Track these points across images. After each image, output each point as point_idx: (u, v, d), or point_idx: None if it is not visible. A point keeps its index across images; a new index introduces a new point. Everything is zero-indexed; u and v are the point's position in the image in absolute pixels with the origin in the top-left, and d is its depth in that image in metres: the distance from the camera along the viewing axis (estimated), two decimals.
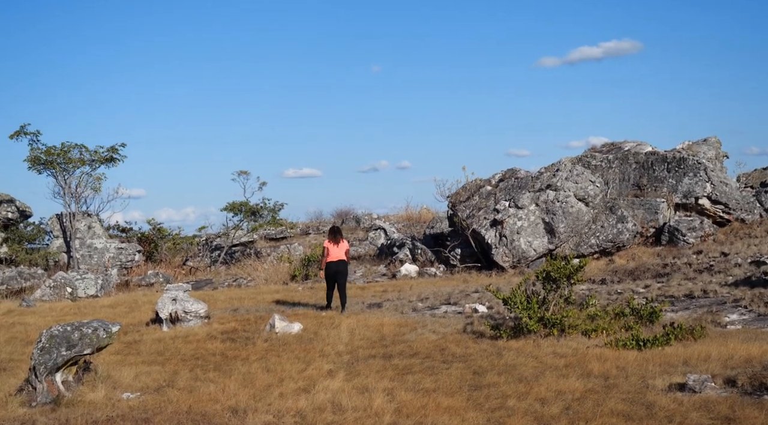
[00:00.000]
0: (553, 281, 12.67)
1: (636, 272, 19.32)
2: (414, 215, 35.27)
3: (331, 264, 16.15)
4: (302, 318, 14.60)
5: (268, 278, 24.85)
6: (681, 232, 22.39)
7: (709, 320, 12.89)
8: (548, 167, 24.02)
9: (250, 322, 14.63)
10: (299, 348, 12.21)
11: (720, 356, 9.93)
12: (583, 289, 17.10)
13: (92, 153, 27.72)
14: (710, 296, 15.37)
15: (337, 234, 16.39)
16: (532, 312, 12.15)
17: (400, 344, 12.24)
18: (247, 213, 29.26)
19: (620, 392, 8.64)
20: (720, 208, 23.56)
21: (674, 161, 24.13)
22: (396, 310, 15.94)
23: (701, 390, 8.41)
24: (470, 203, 24.12)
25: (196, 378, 10.39)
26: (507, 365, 10.36)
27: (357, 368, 10.66)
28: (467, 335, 12.71)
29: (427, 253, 24.88)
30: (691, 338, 11.31)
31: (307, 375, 10.33)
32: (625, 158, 25.01)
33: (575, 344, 11.44)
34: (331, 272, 16.17)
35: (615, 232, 22.28)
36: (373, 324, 13.89)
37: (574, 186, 22.78)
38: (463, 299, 17.03)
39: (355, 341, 12.62)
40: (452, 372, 10.12)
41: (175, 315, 14.49)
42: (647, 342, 10.88)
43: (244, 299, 19.54)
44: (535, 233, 22.21)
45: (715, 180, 23.66)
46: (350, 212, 36.99)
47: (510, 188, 23.83)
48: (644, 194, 23.92)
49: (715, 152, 26.13)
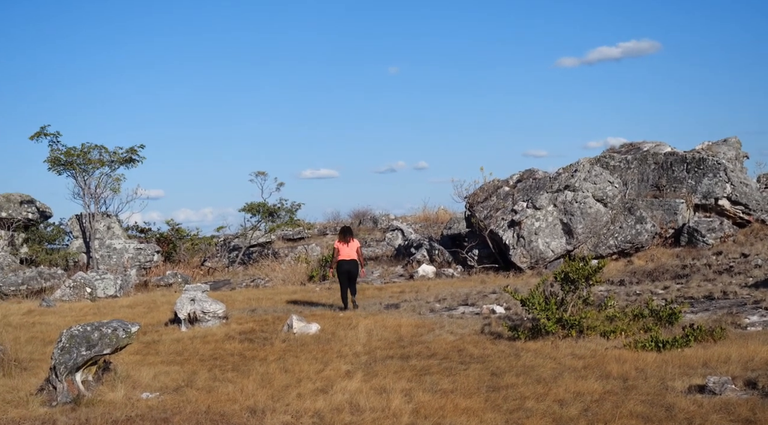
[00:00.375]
0: (572, 282, 12.62)
1: (655, 273, 19.21)
2: (431, 215, 35.23)
3: (342, 263, 16.55)
4: (320, 319, 14.64)
5: (286, 279, 24.92)
6: (700, 233, 22.24)
7: (729, 321, 12.78)
8: (566, 168, 23.92)
9: (268, 322, 14.68)
10: (317, 349, 12.24)
11: (740, 358, 9.86)
12: (601, 290, 17.03)
13: (111, 154, 27.89)
14: (730, 297, 15.26)
15: (347, 234, 16.77)
16: (550, 313, 12.10)
17: (418, 345, 12.24)
18: (264, 214, 29.33)
19: (639, 393, 8.60)
20: (740, 209, 23.37)
21: (693, 161, 23.96)
22: (413, 311, 15.94)
23: (721, 392, 8.35)
24: (488, 204, 24.07)
25: (215, 378, 10.44)
26: (525, 366, 10.33)
27: (375, 369, 10.67)
28: (485, 336, 12.69)
29: (445, 254, 24.85)
30: (711, 339, 11.23)
31: (325, 375, 10.35)
32: (644, 159, 24.87)
33: (594, 345, 11.40)
34: (342, 271, 16.54)
35: (634, 233, 22.16)
36: (390, 324, 13.89)
37: (593, 187, 22.67)
38: (481, 300, 16.99)
39: (372, 342, 12.64)
40: (470, 373, 10.10)
41: (193, 315, 14.57)
42: (666, 344, 10.82)
43: (262, 299, 19.60)
44: (553, 233, 22.13)
45: (735, 181, 23.48)
46: (367, 212, 37.01)
47: (528, 189, 23.76)
48: (663, 194, 23.77)
49: (735, 153, 25.91)
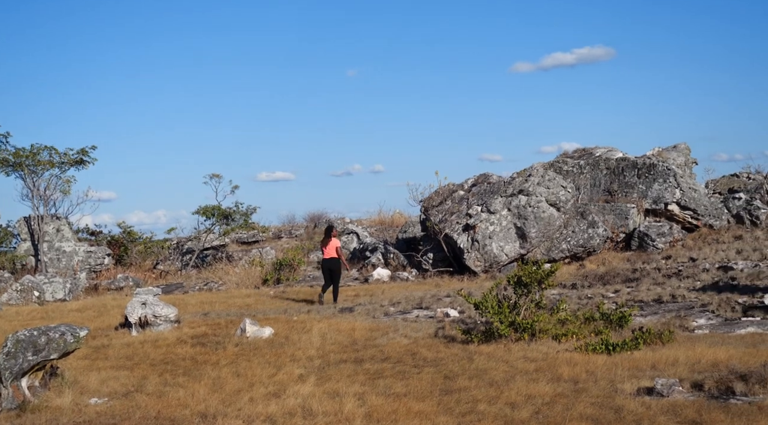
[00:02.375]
0: (525, 285, 12.73)
1: (606, 276, 19.47)
2: (387, 219, 35.27)
3: (323, 261, 18.22)
4: (273, 323, 14.54)
5: (240, 283, 24.73)
6: (651, 237, 22.61)
7: (677, 324, 13.02)
8: (520, 173, 24.15)
9: (221, 326, 14.54)
10: (270, 353, 12.15)
11: (687, 360, 10.04)
12: (554, 294, 17.20)
13: (62, 155, 27.43)
14: (678, 301, 15.54)
15: (326, 234, 18.25)
16: (503, 317, 12.19)
17: (372, 348, 12.23)
18: (219, 217, 29.12)
19: (589, 396, 8.70)
20: (689, 214, 23.83)
21: (644, 167, 24.37)
22: (368, 314, 15.92)
23: (669, 394, 8.49)
24: (443, 208, 24.18)
25: (165, 383, 10.30)
26: (478, 369, 10.39)
27: (328, 372, 10.63)
28: (439, 339, 12.73)
29: (400, 257, 24.90)
30: (660, 342, 11.42)
31: (278, 379, 10.28)
32: (596, 164, 25.22)
33: (546, 348, 11.51)
34: (324, 268, 18.22)
35: (586, 237, 22.45)
36: (344, 328, 13.87)
37: (546, 191, 22.92)
38: (435, 303, 17.05)
39: (326, 345, 12.59)
40: (423, 376, 10.12)
41: (144, 319, 14.36)
42: (616, 347, 10.97)
43: (215, 303, 19.41)
44: (507, 237, 22.31)
45: (684, 186, 23.93)
46: (323, 215, 36.90)
47: (482, 193, 23.93)
48: (615, 199, 24.13)
49: (685, 159, 26.44)
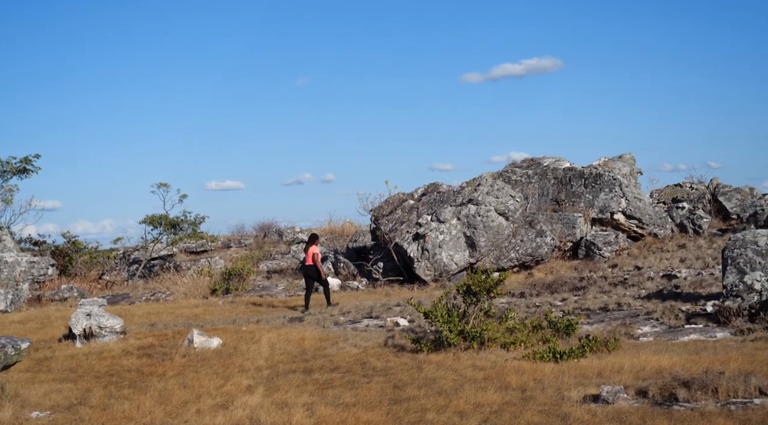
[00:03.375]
0: (474, 294, 12.81)
1: (554, 285, 19.70)
2: (337, 228, 35.19)
3: (303, 268, 18.85)
4: (222, 333, 14.38)
5: (188, 293, 24.41)
6: (597, 246, 22.96)
7: (622, 332, 13.23)
8: (470, 182, 24.33)
9: (168, 337, 14.33)
10: (218, 364, 12.01)
11: (632, 367, 10.19)
12: (502, 302, 17.34)
13: (4, 164, 26.85)
14: (624, 309, 15.79)
15: (308, 242, 18.90)
16: (452, 326, 12.24)
17: (321, 358, 12.18)
18: (166, 226, 28.75)
19: (537, 404, 8.77)
20: (634, 223, 24.26)
21: (591, 176, 24.76)
22: (317, 324, 15.85)
23: (614, 401, 8.60)
24: (393, 217, 24.23)
25: (110, 396, 10.11)
26: (427, 378, 10.41)
27: (277, 383, 10.55)
28: (388, 348, 12.73)
29: (350, 266, 24.86)
30: (606, 350, 11.58)
31: (226, 390, 10.17)
32: (544, 174, 25.54)
33: (494, 357, 11.58)
34: (304, 275, 18.90)
35: (534, 246, 22.70)
36: (294, 338, 13.78)
37: (495, 201, 23.12)
38: (385, 312, 17.04)
39: (275, 355, 12.50)
40: (372, 385, 10.11)
41: (89, 331, 14.08)
42: (563, 355, 11.10)
43: (163, 313, 19.13)
44: (457, 246, 22.44)
45: (630, 196, 24.37)
46: (273, 225, 36.70)
47: (432, 202, 24.04)
48: (562, 208, 24.46)
49: (630, 169, 26.90)
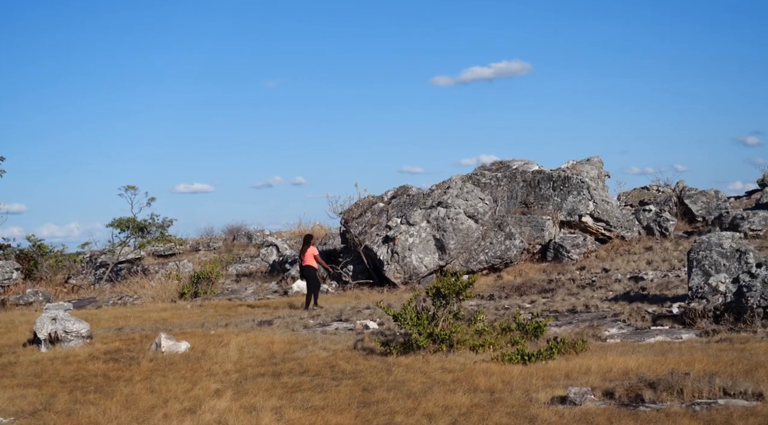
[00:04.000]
0: (443, 297, 12.83)
1: (523, 287, 19.81)
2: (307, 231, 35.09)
3: (301, 269, 19.25)
4: (190, 337, 14.28)
5: (156, 296, 24.20)
6: (565, 248, 23.13)
7: (590, 334, 13.34)
8: (439, 185, 24.39)
9: (135, 341, 14.20)
10: (186, 368, 11.92)
11: (599, 369, 10.28)
12: (472, 305, 17.39)
13: None
14: (592, 310, 15.92)
15: (303, 243, 19.25)
16: (421, 328, 12.26)
17: (290, 361, 12.13)
18: (134, 229, 28.51)
19: (505, 406, 8.81)
20: (602, 225, 24.47)
21: (559, 179, 24.93)
22: (287, 327, 15.80)
23: (581, 403, 8.67)
24: (363, 220, 24.22)
25: (76, 401, 9.99)
26: (396, 381, 10.41)
27: (245, 387, 10.49)
28: (358, 351, 12.71)
29: (319, 270, 24.78)
30: (573, 352, 11.66)
31: (194, 395, 10.09)
32: (513, 177, 25.68)
33: (463, 359, 11.61)
34: (302, 276, 19.43)
35: (503, 248, 22.80)
36: (262, 341, 13.71)
37: (464, 203, 23.20)
38: (355, 315, 17.04)
39: (244, 359, 12.43)
40: (341, 389, 10.09)
41: (54, 335, 13.91)
42: (532, 356, 11.15)
43: (130, 317, 18.95)
44: (427, 249, 22.48)
45: (598, 199, 24.58)
46: (242, 228, 36.55)
47: (402, 205, 24.07)
48: (531, 211, 24.61)
49: (598, 172, 27.16)
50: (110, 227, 28.77)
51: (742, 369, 9.78)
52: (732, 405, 8.22)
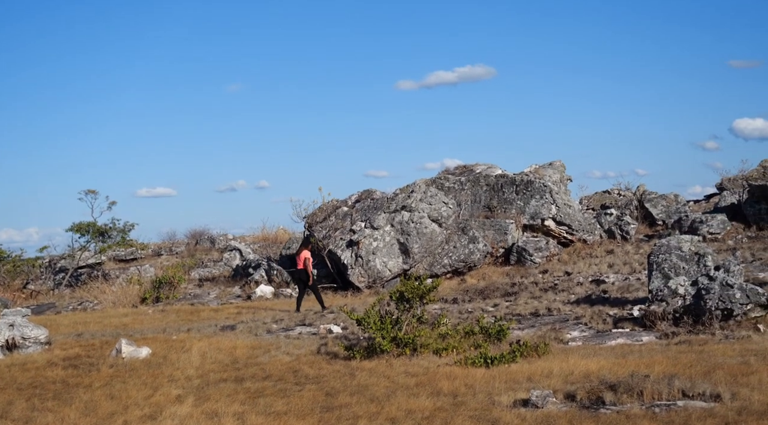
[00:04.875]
0: (407, 301, 12.85)
1: (486, 291, 19.91)
2: (270, 235, 34.92)
3: (293, 271, 19.88)
4: (151, 342, 14.11)
5: (117, 301, 23.89)
6: (528, 252, 23.29)
7: (552, 337, 13.44)
8: (403, 189, 24.43)
9: (95, 347, 14.01)
10: (147, 374, 11.77)
11: (561, 372, 10.36)
12: (435, 308, 17.43)
13: None
14: (554, 314, 16.05)
15: (300, 245, 19.82)
16: (385, 332, 12.26)
17: (253, 366, 12.05)
18: (94, 234, 28.11)
19: (468, 409, 8.83)
20: (564, 229, 24.69)
21: (522, 183, 25.12)
22: (250, 332, 15.70)
23: (543, 406, 8.72)
24: (327, 224, 24.17)
25: (33, 408, 9.82)
26: (359, 385, 10.39)
27: (207, 392, 10.39)
28: (321, 356, 12.67)
29: (283, 274, 24.68)
30: (536, 355, 11.74)
31: (154, 401, 9.97)
32: (477, 181, 25.81)
33: (426, 363, 11.63)
34: (294, 279, 20.13)
35: (467, 252, 22.90)
36: (225, 346, 13.60)
37: (428, 207, 23.26)
38: (318, 320, 16.99)
39: (206, 364, 12.31)
40: (304, 393, 10.04)
41: (12, 342, 13.66)
42: (494, 360, 11.21)
43: (90, 323, 18.69)
44: (391, 253, 22.49)
45: (560, 202, 24.80)
46: (205, 232, 36.21)
47: (366, 209, 24.06)
48: (494, 215, 24.75)
49: (560, 176, 27.39)
50: (70, 231, 28.37)
51: (701, 370, 9.92)
52: (690, 407, 8.33)
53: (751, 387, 8.89)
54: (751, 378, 9.30)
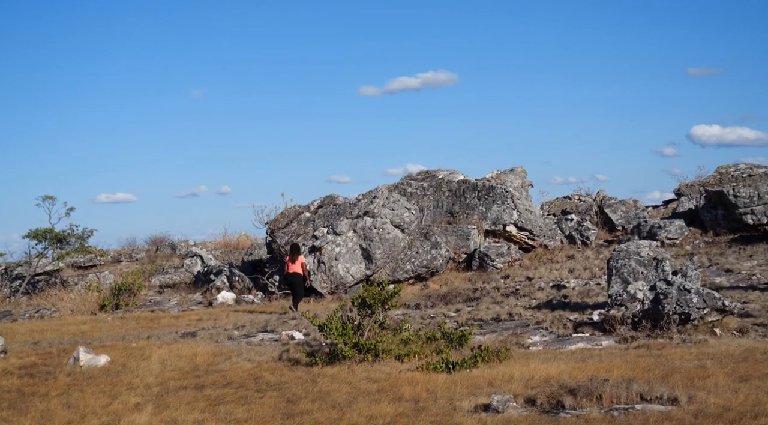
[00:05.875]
0: (369, 306, 12.85)
1: (448, 296, 19.97)
2: (232, 241, 34.70)
3: (286, 276, 19.93)
4: (110, 350, 13.92)
5: (75, 309, 23.49)
6: (490, 257, 23.42)
7: (513, 342, 13.53)
8: (366, 194, 24.43)
9: (52, 356, 13.77)
10: (105, 382, 11.61)
11: (522, 376, 10.42)
12: (398, 314, 17.45)
13: None
14: (515, 319, 16.15)
15: (293, 253, 19.92)
16: (347, 338, 12.23)
17: (214, 374, 11.94)
18: (52, 240, 27.66)
19: (429, 415, 8.85)
20: (525, 234, 24.87)
21: (484, 189, 25.26)
22: (211, 339, 15.57)
23: (504, 410, 8.77)
24: (289, 230, 24.07)
25: None
26: (321, 392, 10.35)
27: (166, 400, 10.27)
28: (283, 362, 12.60)
29: (245, 280, 24.52)
30: (497, 359, 11.80)
31: (112, 409, 9.84)
32: (439, 186, 25.90)
33: (388, 368, 11.63)
34: (287, 283, 20.19)
35: (429, 257, 22.96)
36: (186, 353, 13.46)
37: (391, 213, 23.29)
38: (281, 326, 16.90)
39: (166, 372, 12.18)
40: (266, 400, 9.98)
41: None
42: (456, 365, 11.24)
43: (47, 331, 18.37)
44: (353, 259, 22.47)
45: (521, 208, 24.99)
46: (166, 238, 35.87)
47: (329, 215, 24.01)
48: (457, 220, 24.85)
49: (521, 181, 27.61)
50: (27, 238, 27.87)
51: (659, 374, 10.05)
52: (648, 410, 8.44)
53: (707, 390, 9.02)
54: (707, 382, 9.44)
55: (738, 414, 8.07)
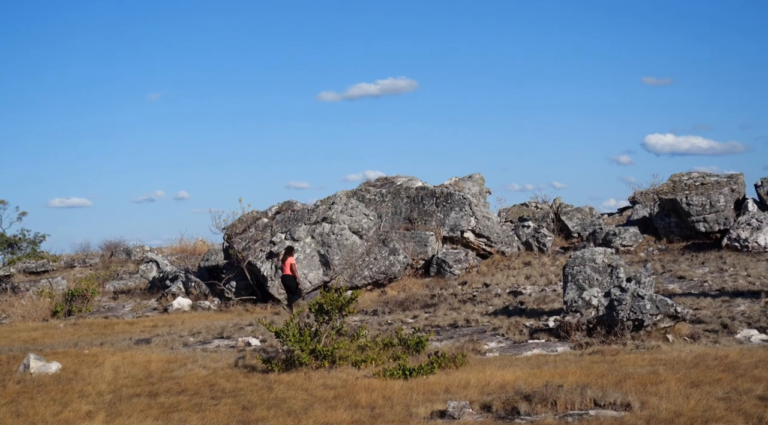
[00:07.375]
0: (326, 313, 12.81)
1: (406, 302, 19.99)
2: (189, 247, 34.36)
3: (281, 278, 20.56)
4: (62, 357, 13.68)
5: (26, 315, 23.02)
6: (448, 264, 23.51)
7: (470, 348, 13.58)
8: (324, 200, 24.36)
9: (2, 363, 13.52)
10: (56, 389, 11.40)
11: (478, 383, 10.47)
12: (355, 320, 17.43)
13: None
14: (472, 325, 16.22)
15: (284, 254, 20.60)
16: (304, 345, 12.18)
17: (168, 381, 11.80)
18: (3, 245, 27.15)
19: (385, 421, 8.84)
20: (483, 241, 25.01)
21: (442, 196, 25.36)
22: (166, 345, 15.37)
23: (460, 417, 8.79)
24: (246, 235, 23.90)
25: None
26: (277, 398, 10.29)
27: (119, 408, 10.12)
28: (239, 369, 12.50)
29: (202, 286, 24.26)
30: (454, 366, 11.84)
31: (63, 418, 9.66)
32: (398, 193, 25.94)
33: (345, 375, 11.60)
34: (283, 286, 20.74)
35: (387, 264, 22.97)
36: (139, 360, 13.28)
37: (349, 219, 23.26)
38: (237, 332, 16.75)
39: (119, 379, 12.00)
40: (220, 408, 9.88)
41: None
42: (413, 372, 11.25)
43: None
44: (311, 265, 22.38)
45: (479, 215, 25.13)
46: (120, 244, 35.42)
47: (287, 221, 23.90)
48: (415, 227, 24.89)
49: (479, 188, 27.75)
50: None
51: (612, 380, 10.17)
52: (602, 416, 8.53)
53: (659, 395, 9.15)
54: (659, 387, 9.58)
55: (689, 419, 8.20)
